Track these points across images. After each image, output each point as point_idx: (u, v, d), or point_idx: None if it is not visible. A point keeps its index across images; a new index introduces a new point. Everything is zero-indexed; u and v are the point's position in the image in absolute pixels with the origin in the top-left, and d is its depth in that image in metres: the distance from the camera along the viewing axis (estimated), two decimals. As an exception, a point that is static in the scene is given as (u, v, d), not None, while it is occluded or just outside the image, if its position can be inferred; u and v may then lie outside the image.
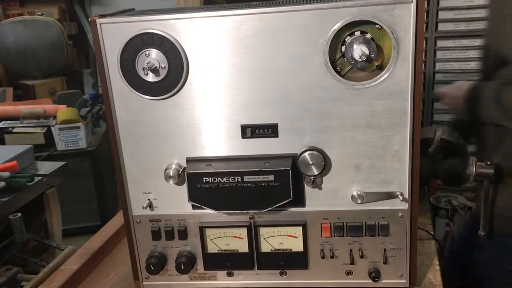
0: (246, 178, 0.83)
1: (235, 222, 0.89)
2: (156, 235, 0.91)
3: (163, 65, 0.81)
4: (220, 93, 0.82)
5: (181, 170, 0.86)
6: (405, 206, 0.85)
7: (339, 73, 0.79)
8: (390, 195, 0.85)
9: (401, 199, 0.84)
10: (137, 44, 0.80)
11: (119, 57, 0.81)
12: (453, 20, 2.02)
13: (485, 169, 1.01)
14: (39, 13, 4.02)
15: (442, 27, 2.04)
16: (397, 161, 0.83)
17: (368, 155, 0.83)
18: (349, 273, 0.90)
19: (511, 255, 1.13)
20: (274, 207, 0.85)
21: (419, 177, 0.83)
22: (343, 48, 0.77)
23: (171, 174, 0.85)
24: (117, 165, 0.88)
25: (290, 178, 0.82)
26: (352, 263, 0.89)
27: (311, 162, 0.82)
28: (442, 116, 2.16)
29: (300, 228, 0.88)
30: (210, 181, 0.84)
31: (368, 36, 0.76)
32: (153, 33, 0.79)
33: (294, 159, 0.83)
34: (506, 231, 1.12)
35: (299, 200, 0.86)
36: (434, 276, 0.95)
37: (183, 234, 0.90)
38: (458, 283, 1.23)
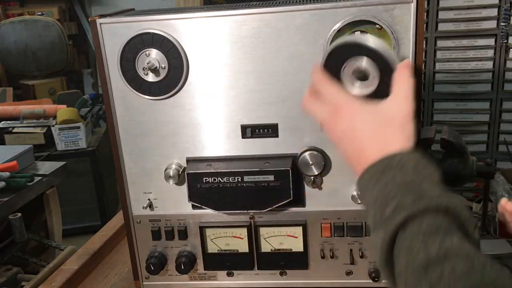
0: (246, 178, 0.83)
1: (235, 222, 0.89)
2: (156, 235, 0.91)
3: (163, 65, 0.81)
4: (220, 93, 0.82)
5: (181, 170, 0.86)
6: (405, 206, 0.85)
7: (339, 73, 0.79)
8: (390, 195, 0.84)
9: (401, 199, 0.84)
10: (137, 44, 0.80)
11: (119, 57, 0.81)
12: (453, 20, 2.02)
13: (485, 169, 1.01)
14: (39, 13, 4.02)
15: (442, 27, 2.03)
16: (397, 161, 0.82)
17: (368, 155, 0.83)
18: (349, 273, 0.90)
19: None
20: (274, 207, 0.85)
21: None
22: (343, 48, 0.77)
23: (171, 174, 0.85)
24: (117, 165, 0.88)
25: (290, 178, 0.82)
26: (352, 263, 0.89)
27: (311, 162, 0.82)
28: (442, 116, 2.15)
29: (300, 228, 0.88)
30: (210, 181, 0.84)
31: (368, 36, 0.76)
32: (153, 33, 0.79)
33: (294, 159, 0.83)
34: None
35: (299, 200, 0.86)
36: (434, 276, 0.94)
37: (183, 234, 0.90)
38: None
